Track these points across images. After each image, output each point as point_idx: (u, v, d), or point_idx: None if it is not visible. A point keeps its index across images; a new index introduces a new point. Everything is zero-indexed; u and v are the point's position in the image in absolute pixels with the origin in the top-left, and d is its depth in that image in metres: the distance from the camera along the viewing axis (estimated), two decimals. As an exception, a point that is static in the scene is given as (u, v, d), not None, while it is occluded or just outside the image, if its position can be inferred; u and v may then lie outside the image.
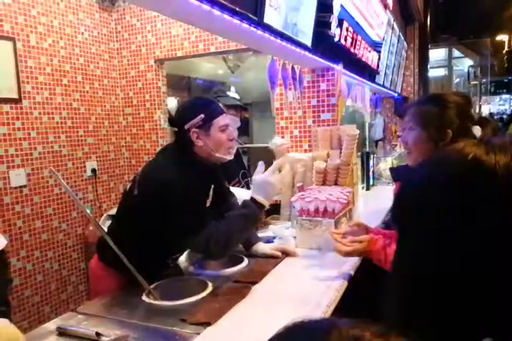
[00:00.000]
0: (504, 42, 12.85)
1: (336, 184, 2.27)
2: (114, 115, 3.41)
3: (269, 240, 1.99)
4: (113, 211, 3.18)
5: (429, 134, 1.31)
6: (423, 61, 6.33)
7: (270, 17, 1.49)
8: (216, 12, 1.34)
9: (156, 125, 3.34)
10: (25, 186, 2.66)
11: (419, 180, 0.47)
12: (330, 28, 2.02)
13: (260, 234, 2.20)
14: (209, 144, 1.53)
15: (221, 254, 1.55)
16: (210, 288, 1.50)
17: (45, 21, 2.83)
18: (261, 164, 1.58)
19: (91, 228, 2.96)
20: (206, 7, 1.31)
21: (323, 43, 2.13)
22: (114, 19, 3.38)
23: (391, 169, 1.58)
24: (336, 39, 2.16)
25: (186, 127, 1.51)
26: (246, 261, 1.76)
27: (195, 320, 1.26)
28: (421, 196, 0.45)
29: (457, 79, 11.16)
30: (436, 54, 9.42)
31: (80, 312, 1.39)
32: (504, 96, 18.61)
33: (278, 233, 2.06)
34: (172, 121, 1.62)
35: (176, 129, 1.60)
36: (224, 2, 1.23)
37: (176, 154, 1.60)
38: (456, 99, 1.35)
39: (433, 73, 8.76)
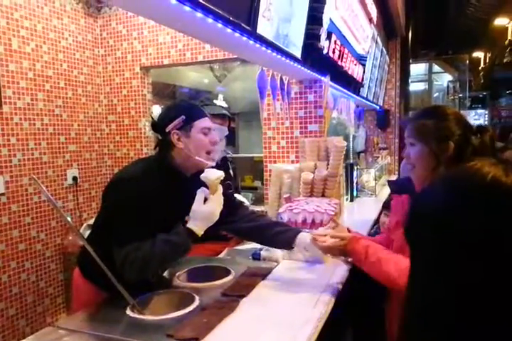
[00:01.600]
0: (480, 58, 13.29)
1: (323, 195, 2.27)
2: (97, 122, 3.34)
3: (255, 252, 1.96)
4: (93, 220, 3.11)
5: (430, 148, 1.30)
6: (404, 75, 6.45)
7: (263, 28, 1.48)
8: (209, 20, 1.33)
9: (141, 133, 3.29)
10: (3, 194, 2.57)
11: (439, 201, 0.45)
12: (319, 41, 2.04)
13: (246, 246, 2.18)
14: (189, 146, 1.47)
15: (132, 277, 1.38)
16: (197, 302, 1.46)
17: (29, 25, 2.78)
18: (200, 191, 1.46)
19: (70, 238, 2.88)
20: (200, 15, 1.30)
21: (312, 55, 2.14)
22: (100, 25, 3.34)
23: (389, 182, 1.58)
24: (325, 51, 2.18)
25: (167, 129, 1.48)
26: (233, 273, 1.72)
27: (182, 336, 1.22)
28: (442, 218, 0.44)
29: (436, 94, 11.45)
30: (417, 68, 9.66)
31: (60, 327, 1.33)
32: (479, 111, 19.16)
33: (265, 245, 2.04)
34: (154, 125, 1.56)
35: (159, 135, 1.55)
36: (218, 11, 1.22)
37: (152, 159, 1.56)
38: (453, 111, 1.36)
39: (413, 87, 8.96)
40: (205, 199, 1.46)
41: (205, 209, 1.44)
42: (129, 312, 1.40)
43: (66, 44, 3.05)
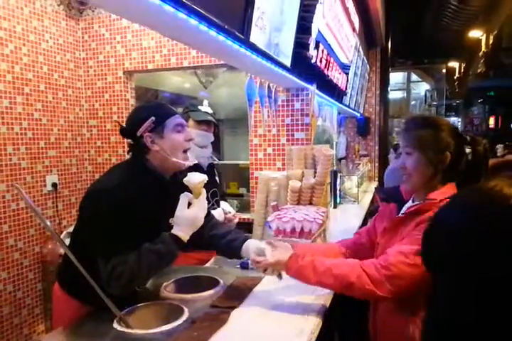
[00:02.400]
0: (455, 68, 13.71)
1: (310, 203, 2.27)
2: (78, 127, 3.26)
3: (244, 261, 1.93)
4: (72, 230, 3.02)
5: (427, 158, 1.31)
6: (384, 83, 6.57)
7: (256, 36, 1.48)
8: (203, 28, 1.32)
9: (123, 138, 3.21)
10: (-21, 201, 2.47)
11: (461, 226, 0.44)
12: (308, 49, 2.05)
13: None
14: (164, 147, 1.41)
15: (118, 291, 1.35)
16: (186, 314, 1.42)
17: (7, 26, 2.69)
18: (183, 196, 1.42)
19: (50, 246, 2.78)
20: (194, 22, 1.28)
21: (301, 64, 2.14)
22: (81, 28, 3.28)
23: (377, 189, 1.59)
24: (313, 60, 2.19)
25: (139, 133, 1.40)
26: (221, 283, 1.69)
27: (173, 351, 1.18)
28: (464, 244, 0.43)
29: (413, 102, 11.73)
30: (396, 77, 9.87)
31: (44, 343, 1.27)
32: (453, 118, 19.76)
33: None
34: (123, 131, 1.47)
35: (131, 141, 1.47)
36: (213, 18, 1.21)
37: (127, 165, 1.49)
38: (446, 122, 1.38)
39: (392, 95, 9.15)
40: (189, 204, 1.43)
41: (189, 214, 1.40)
42: (116, 325, 1.35)
43: (47, 46, 2.97)
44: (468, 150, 1.37)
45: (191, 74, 3.68)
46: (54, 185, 2.98)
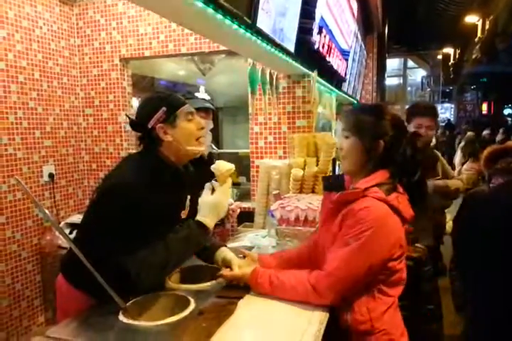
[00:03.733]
0: (450, 55, 13.64)
1: (313, 192, 2.25)
2: (74, 116, 3.20)
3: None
4: (71, 218, 2.98)
5: (363, 143, 1.32)
6: (381, 70, 6.53)
7: (262, 21, 1.43)
8: (210, 11, 1.26)
9: (120, 127, 3.17)
10: (-25, 192, 2.42)
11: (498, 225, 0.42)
12: (312, 35, 2.00)
13: (235, 244, 2.13)
14: (178, 137, 1.40)
15: (149, 283, 1.34)
16: (192, 305, 1.40)
17: (-1, 12, 2.61)
18: (208, 184, 1.44)
19: (48, 238, 2.75)
20: (199, 3, 1.23)
21: (304, 50, 2.10)
22: (76, 14, 3.19)
23: (324, 178, 1.57)
24: (316, 46, 2.14)
25: (150, 125, 1.38)
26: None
27: (183, 343, 1.17)
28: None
29: (409, 88, 11.69)
30: (392, 63, 9.81)
31: (50, 336, 1.25)
32: (446, 104, 19.80)
33: (256, 242, 2.00)
34: (134, 124, 1.45)
35: (141, 133, 1.45)
36: (222, 2, 1.16)
37: (140, 158, 1.46)
38: (393, 112, 1.38)
39: (388, 82, 9.11)
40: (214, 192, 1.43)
41: (211, 200, 1.41)
42: (121, 317, 1.33)
43: (40, 33, 2.89)
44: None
45: (188, 61, 3.60)
46: (51, 175, 2.93)
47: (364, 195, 1.28)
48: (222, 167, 1.43)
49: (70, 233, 1.57)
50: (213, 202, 1.40)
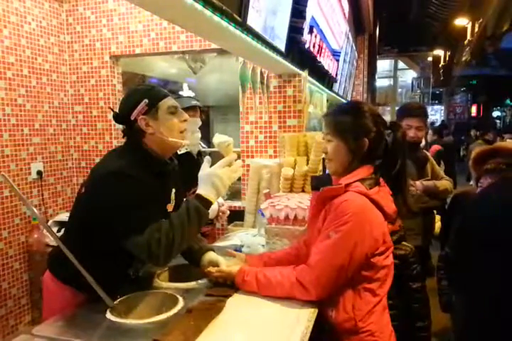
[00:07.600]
0: (440, 57, 13.77)
1: (303, 191, 2.25)
2: (63, 113, 3.17)
3: (236, 249, 1.92)
4: (60, 217, 2.95)
5: (346, 145, 1.33)
6: (371, 71, 6.57)
7: (252, 19, 1.43)
8: (198, 6, 1.26)
9: (110, 125, 3.15)
10: (-39, 189, 2.38)
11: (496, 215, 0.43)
12: (302, 34, 2.01)
13: (226, 242, 2.13)
14: (160, 129, 1.40)
15: (165, 256, 1.32)
16: (181, 303, 1.40)
17: (-13, 7, 2.57)
18: (208, 159, 1.45)
19: (36, 236, 2.72)
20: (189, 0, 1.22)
21: (294, 49, 2.10)
22: (65, 10, 3.16)
23: (312, 177, 1.59)
24: (307, 45, 2.15)
25: (133, 117, 1.39)
26: (215, 271, 1.67)
27: (170, 340, 1.16)
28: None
29: (400, 90, 11.78)
30: (383, 65, 9.88)
31: (36, 334, 1.24)
32: (436, 106, 19.99)
33: (246, 241, 2.01)
34: (117, 116, 1.46)
35: (125, 126, 1.46)
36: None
37: (125, 150, 1.46)
38: (369, 107, 1.38)
39: (379, 83, 9.16)
40: None
41: (205, 172, 1.40)
42: (109, 316, 1.32)
43: (29, 29, 2.86)
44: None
45: (180, 59, 3.59)
46: (39, 172, 2.90)
47: (346, 190, 1.29)
48: (216, 139, 1.44)
49: (58, 231, 1.56)
50: (207, 174, 1.39)
